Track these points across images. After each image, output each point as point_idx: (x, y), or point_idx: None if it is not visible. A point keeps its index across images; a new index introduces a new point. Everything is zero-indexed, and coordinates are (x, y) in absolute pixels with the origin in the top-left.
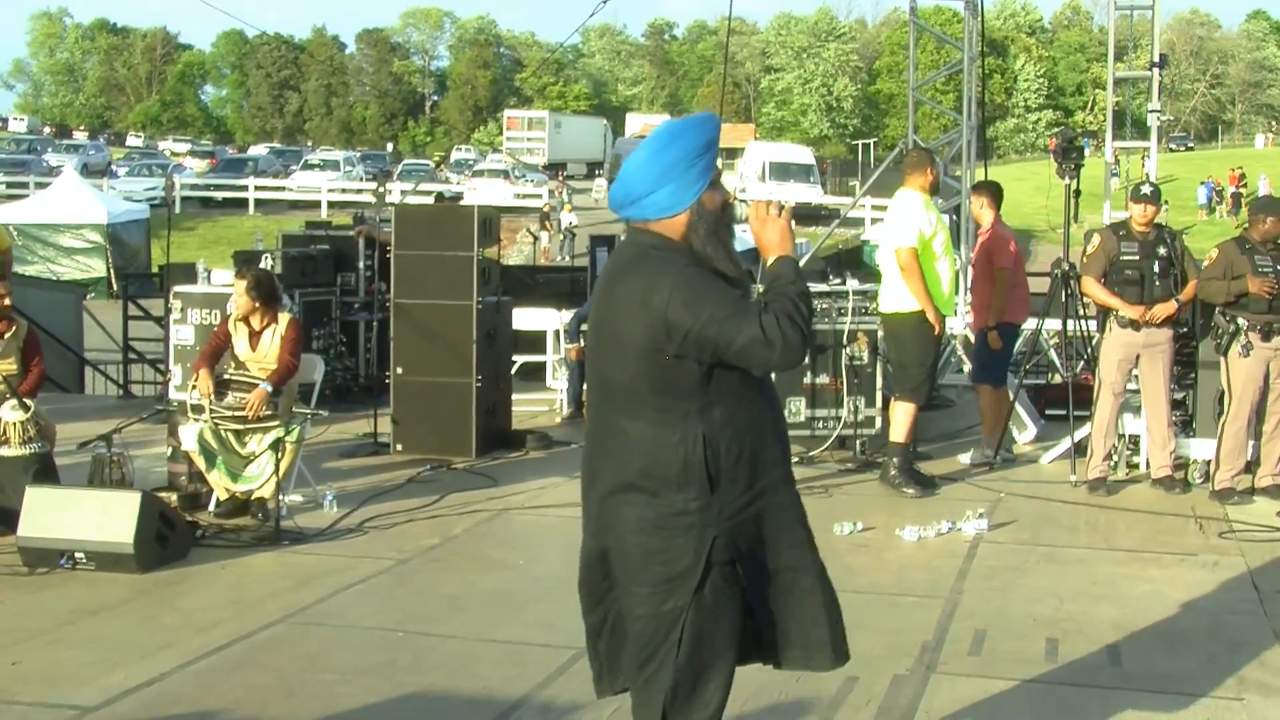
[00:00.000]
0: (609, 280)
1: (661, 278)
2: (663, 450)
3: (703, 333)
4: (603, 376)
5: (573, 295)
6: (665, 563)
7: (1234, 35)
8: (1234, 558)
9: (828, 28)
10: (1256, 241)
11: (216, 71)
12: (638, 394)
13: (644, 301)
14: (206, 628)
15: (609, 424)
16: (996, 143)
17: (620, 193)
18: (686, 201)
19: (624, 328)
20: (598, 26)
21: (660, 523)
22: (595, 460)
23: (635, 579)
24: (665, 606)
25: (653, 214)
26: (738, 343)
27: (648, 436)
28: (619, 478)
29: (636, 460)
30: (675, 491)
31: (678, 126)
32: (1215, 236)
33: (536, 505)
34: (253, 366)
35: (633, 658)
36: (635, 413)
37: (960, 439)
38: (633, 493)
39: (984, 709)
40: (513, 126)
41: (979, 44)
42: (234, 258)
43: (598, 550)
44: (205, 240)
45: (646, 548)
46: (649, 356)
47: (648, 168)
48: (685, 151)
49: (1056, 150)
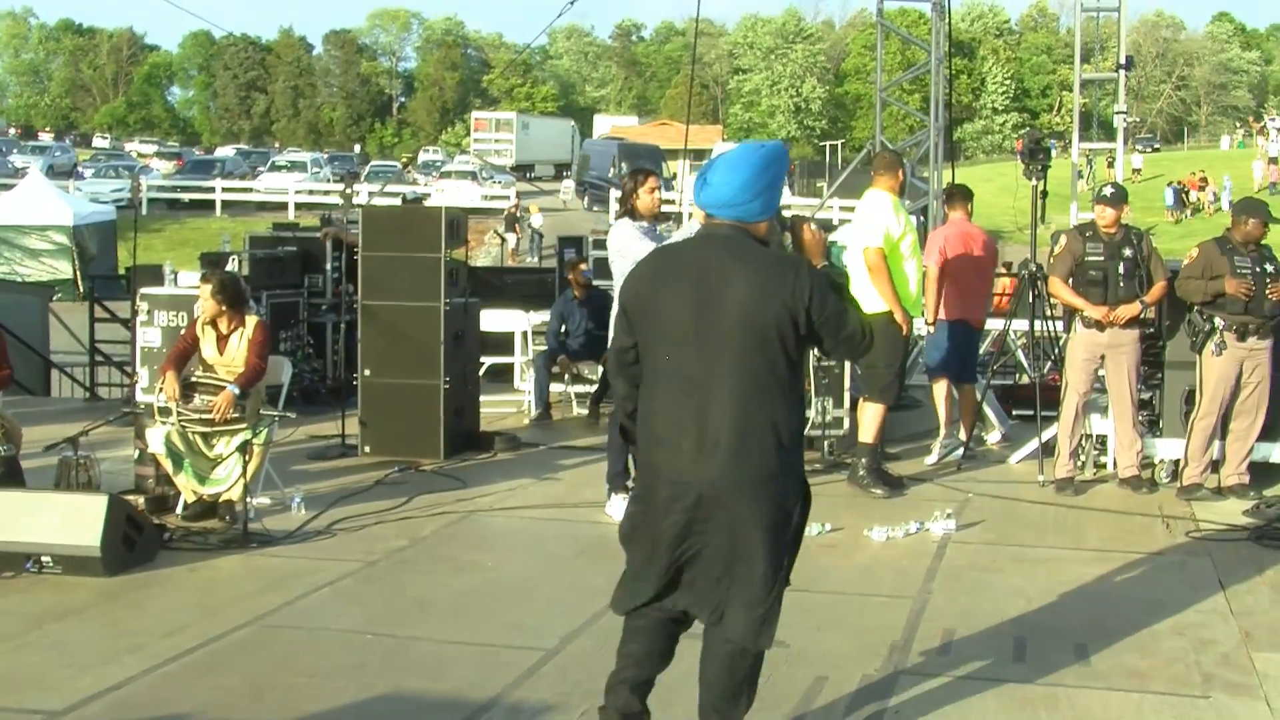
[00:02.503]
0: (724, 264)
1: (801, 270)
2: (789, 413)
3: (826, 321)
4: (717, 346)
5: (540, 296)
6: (782, 505)
7: (1199, 37)
8: (1201, 557)
9: (795, 29)
10: (1238, 242)
11: (183, 73)
12: (769, 362)
13: (792, 287)
14: (174, 631)
15: (724, 389)
16: (963, 144)
17: (724, 196)
18: (771, 212)
19: (762, 307)
20: (565, 27)
21: (781, 472)
22: (706, 420)
23: (757, 522)
24: (781, 545)
25: (748, 217)
26: (844, 333)
27: (776, 400)
28: (742, 434)
29: (767, 419)
30: (792, 448)
31: (774, 152)
32: (1180, 237)
33: (505, 507)
34: (220, 369)
35: (760, 597)
36: (767, 378)
37: (928, 440)
38: (757, 448)
39: (953, 708)
40: (480, 128)
41: (946, 46)
42: (201, 259)
43: (697, 500)
44: (172, 242)
45: (769, 492)
46: (786, 331)
47: (754, 183)
48: (775, 175)
49: (1023, 152)
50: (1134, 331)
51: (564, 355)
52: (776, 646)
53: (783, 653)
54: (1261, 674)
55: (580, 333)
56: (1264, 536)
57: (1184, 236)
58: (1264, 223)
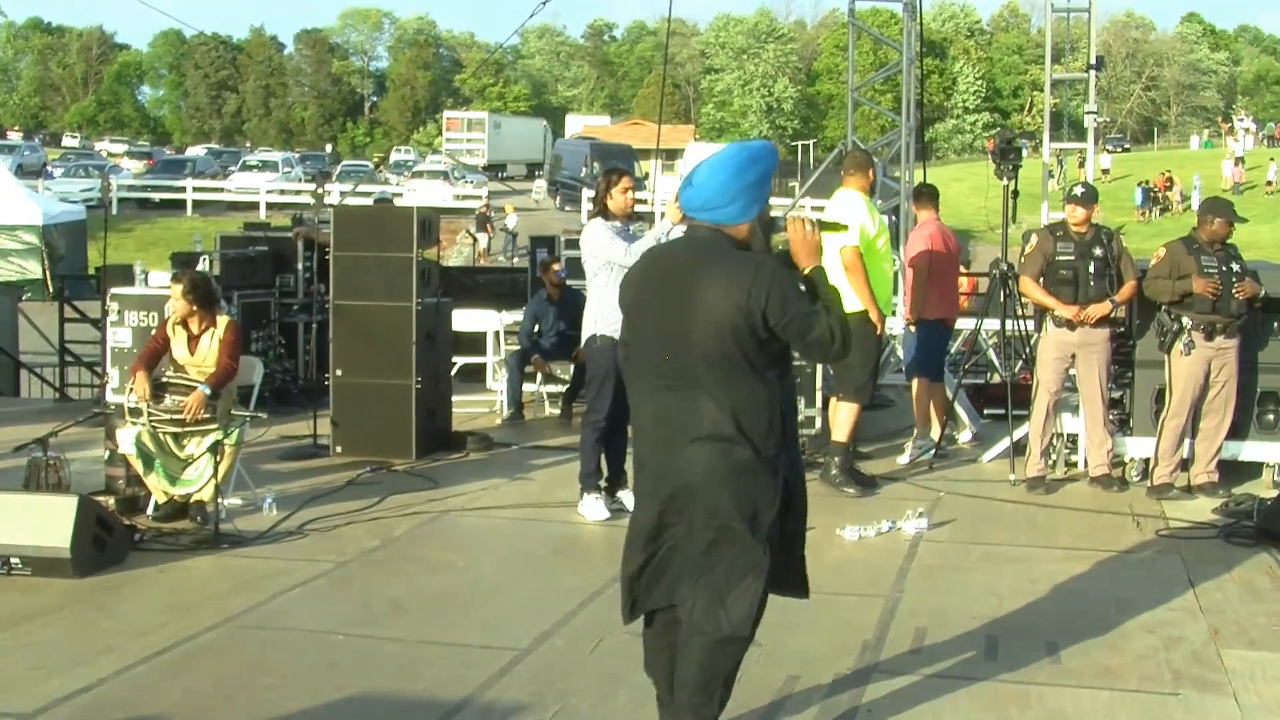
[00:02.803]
0: (692, 266)
1: (762, 273)
2: (757, 409)
3: (788, 325)
4: (686, 343)
5: (512, 296)
6: (756, 501)
7: (1169, 38)
8: (1170, 555)
9: (767, 29)
10: (1204, 242)
11: (154, 72)
12: (731, 362)
13: (748, 290)
14: (144, 632)
15: (692, 381)
16: (935, 144)
17: (700, 199)
18: (752, 214)
19: (718, 307)
20: (537, 27)
21: (753, 468)
22: (677, 416)
23: (729, 516)
24: (757, 537)
25: (726, 220)
26: (809, 336)
27: (741, 396)
28: (702, 427)
29: (730, 416)
30: (763, 442)
31: (757, 153)
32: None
33: (477, 507)
34: (191, 369)
35: (723, 582)
36: (727, 376)
37: (901, 439)
38: (720, 442)
39: (925, 707)
40: (452, 127)
41: (917, 46)
42: (172, 259)
43: (673, 490)
44: (143, 242)
45: (741, 489)
46: (742, 334)
47: (731, 185)
48: (758, 176)
49: (994, 151)
50: (1104, 330)
51: (537, 355)
52: (750, 645)
53: (755, 652)
54: (1230, 671)
55: (553, 333)
56: (1233, 534)
57: (1154, 236)
58: (1229, 222)
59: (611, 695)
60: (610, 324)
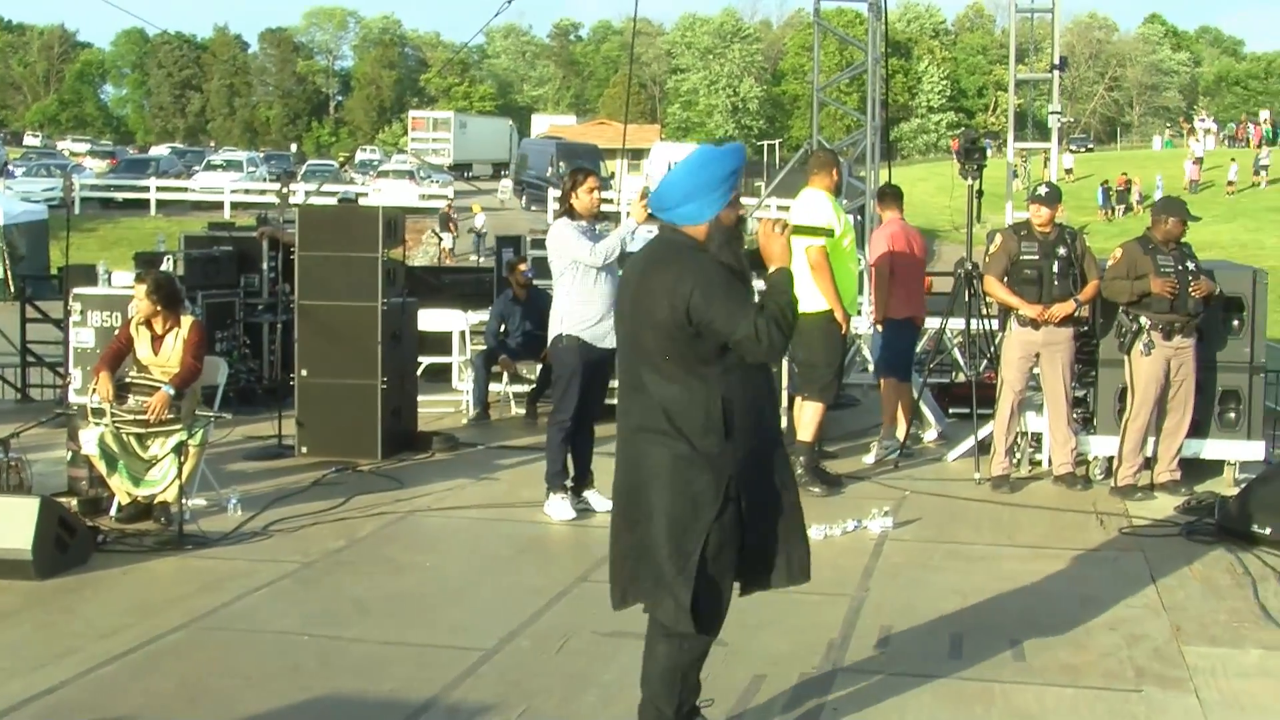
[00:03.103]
0: (645, 265)
1: (689, 270)
2: (690, 405)
3: (712, 322)
4: (636, 341)
5: (478, 296)
6: (692, 496)
7: (1131, 38)
8: (1134, 553)
9: (733, 29)
10: (1159, 241)
11: (116, 70)
12: (667, 358)
13: (674, 288)
14: (107, 634)
15: (640, 378)
16: (900, 143)
17: (657, 199)
18: (707, 215)
19: (657, 305)
20: (503, 27)
21: (689, 463)
22: (625, 402)
23: (667, 510)
24: (691, 533)
25: (681, 220)
26: (735, 335)
27: (675, 393)
28: (647, 422)
29: (664, 411)
30: (700, 438)
31: (712, 154)
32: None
33: (443, 507)
34: (155, 370)
35: (662, 573)
36: (665, 373)
37: (866, 438)
38: (662, 436)
39: (890, 705)
40: (418, 127)
41: (882, 46)
42: (135, 259)
43: (629, 484)
44: (106, 241)
45: (676, 484)
46: (675, 332)
47: (683, 184)
48: (711, 176)
49: (959, 151)
50: (1068, 330)
51: (504, 355)
52: (715, 645)
53: (720, 651)
54: (1191, 667)
55: (519, 333)
56: (1194, 532)
57: (1117, 235)
58: (1183, 220)
59: (578, 695)
60: (576, 324)
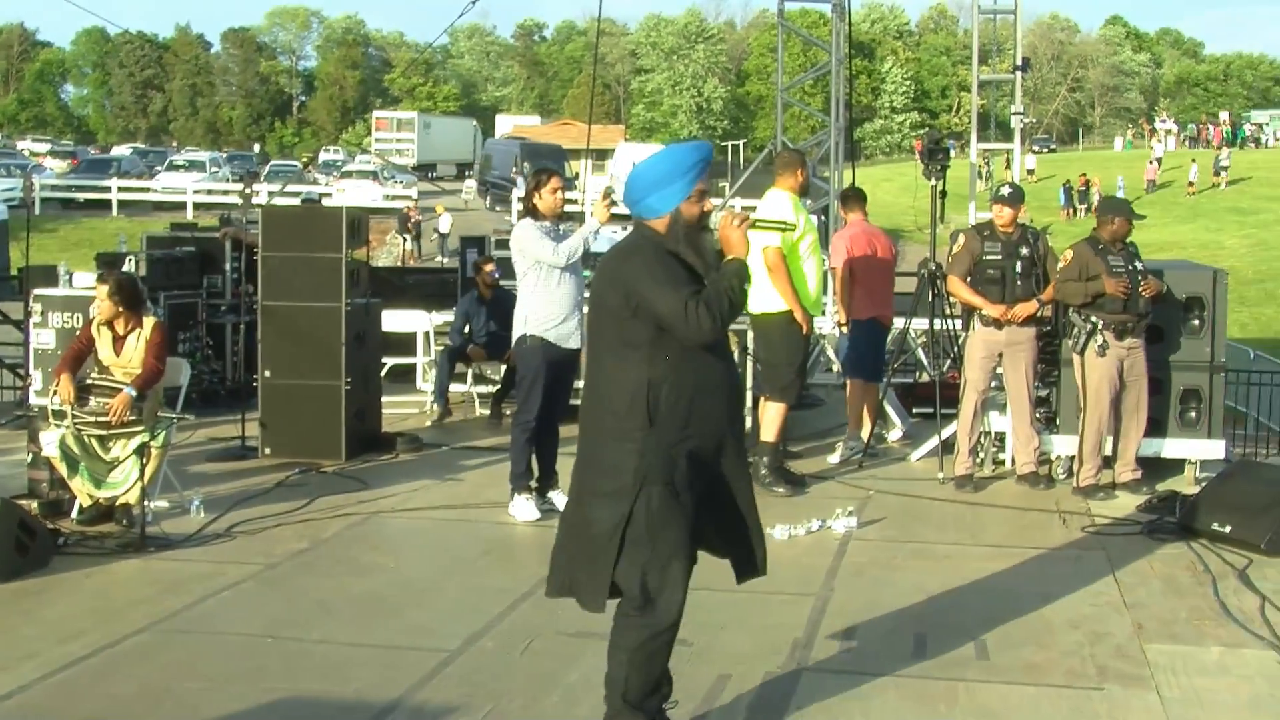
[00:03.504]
0: (607, 257)
1: (634, 256)
2: (620, 386)
3: (643, 299)
4: (594, 330)
5: (442, 296)
6: (614, 477)
7: (1093, 40)
8: (1096, 551)
9: (697, 29)
10: (1107, 241)
11: (77, 70)
12: (611, 341)
13: (617, 272)
14: (69, 638)
15: (596, 364)
16: (863, 144)
17: (625, 194)
18: (667, 208)
19: (606, 291)
20: (467, 27)
21: (613, 443)
22: (586, 389)
23: (593, 489)
24: (611, 516)
25: (645, 214)
26: (662, 312)
27: (612, 375)
28: (589, 405)
29: (602, 394)
30: (624, 419)
31: (675, 148)
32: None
33: (407, 508)
34: (117, 371)
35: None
36: (610, 356)
37: (831, 438)
38: (598, 418)
39: (855, 704)
40: (381, 127)
41: (846, 46)
42: (97, 260)
43: (575, 469)
44: (67, 242)
45: (603, 462)
46: (617, 314)
47: (643, 178)
48: (673, 169)
49: (922, 152)
50: (1031, 329)
51: (473, 344)
52: (679, 645)
53: (685, 651)
54: (1153, 664)
55: (484, 333)
56: (1156, 531)
57: (1079, 235)
58: (1129, 220)
59: (542, 696)
60: (540, 324)
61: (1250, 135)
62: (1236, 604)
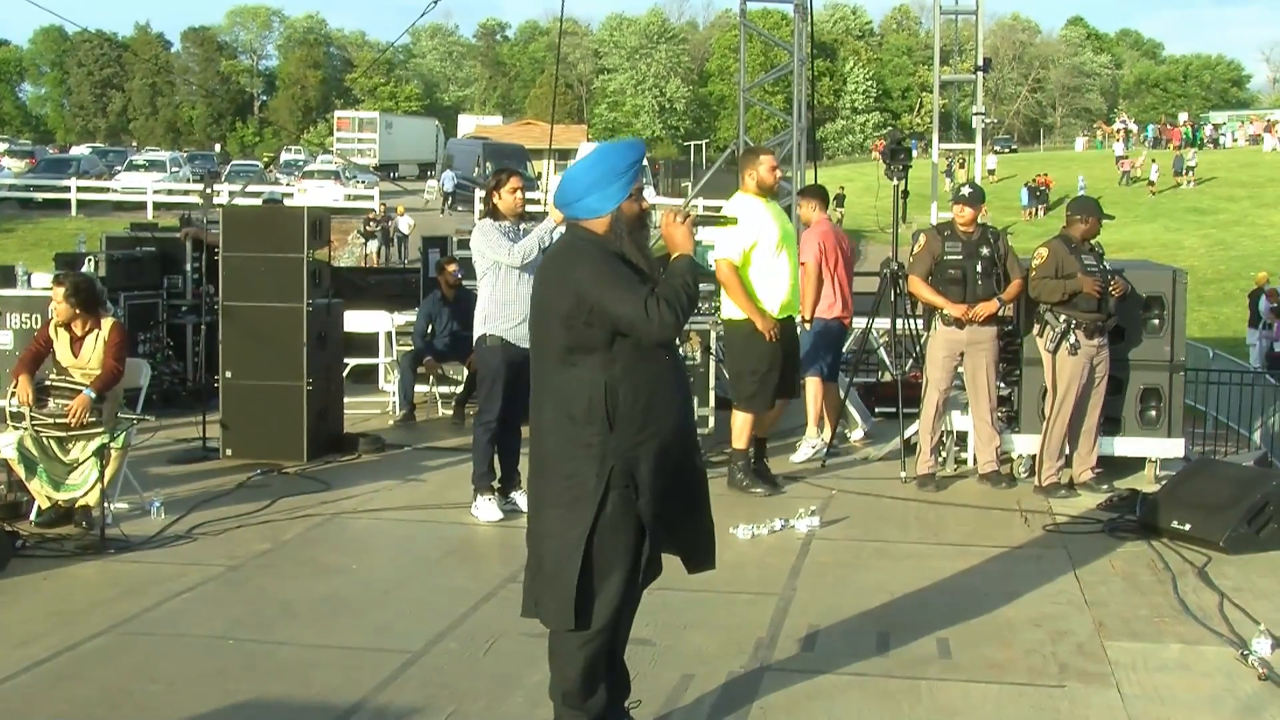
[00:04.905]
0: (548, 261)
1: (581, 260)
2: (575, 392)
3: (599, 304)
4: (539, 336)
5: (404, 297)
6: (573, 485)
7: (1054, 41)
8: (1057, 550)
9: (659, 29)
10: (1078, 241)
11: (35, 69)
12: (561, 348)
13: (564, 278)
14: (27, 641)
15: (544, 371)
16: (825, 144)
17: (559, 195)
18: (608, 208)
19: (553, 297)
20: (429, 27)
21: (572, 451)
22: (534, 397)
23: (554, 500)
24: (573, 525)
25: (582, 215)
26: (623, 314)
27: (565, 382)
28: (543, 413)
29: (557, 401)
30: (583, 425)
31: (608, 149)
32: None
33: (370, 509)
34: (75, 373)
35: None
36: (560, 362)
37: (793, 437)
38: (554, 426)
39: (817, 703)
40: (343, 127)
41: (808, 47)
42: (56, 260)
43: (530, 480)
44: (25, 242)
45: (561, 471)
46: (567, 321)
47: (581, 179)
48: (608, 169)
49: (885, 152)
50: (992, 329)
51: (429, 357)
52: (642, 645)
53: (648, 651)
54: (1114, 662)
55: (446, 333)
56: (1117, 529)
57: (1041, 235)
58: (1099, 219)
59: (506, 697)
60: (499, 324)
61: (1209, 136)
62: (1196, 601)
